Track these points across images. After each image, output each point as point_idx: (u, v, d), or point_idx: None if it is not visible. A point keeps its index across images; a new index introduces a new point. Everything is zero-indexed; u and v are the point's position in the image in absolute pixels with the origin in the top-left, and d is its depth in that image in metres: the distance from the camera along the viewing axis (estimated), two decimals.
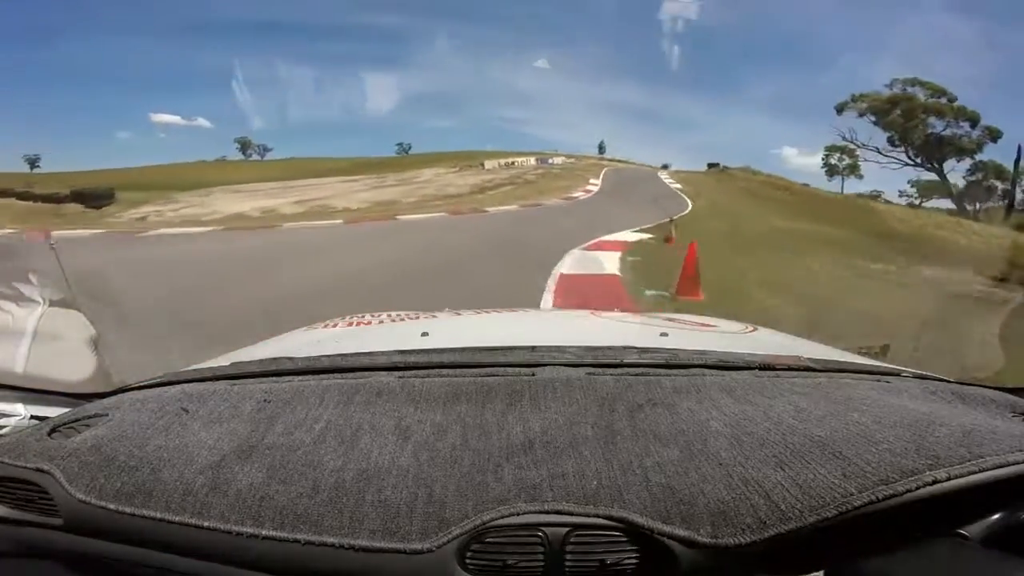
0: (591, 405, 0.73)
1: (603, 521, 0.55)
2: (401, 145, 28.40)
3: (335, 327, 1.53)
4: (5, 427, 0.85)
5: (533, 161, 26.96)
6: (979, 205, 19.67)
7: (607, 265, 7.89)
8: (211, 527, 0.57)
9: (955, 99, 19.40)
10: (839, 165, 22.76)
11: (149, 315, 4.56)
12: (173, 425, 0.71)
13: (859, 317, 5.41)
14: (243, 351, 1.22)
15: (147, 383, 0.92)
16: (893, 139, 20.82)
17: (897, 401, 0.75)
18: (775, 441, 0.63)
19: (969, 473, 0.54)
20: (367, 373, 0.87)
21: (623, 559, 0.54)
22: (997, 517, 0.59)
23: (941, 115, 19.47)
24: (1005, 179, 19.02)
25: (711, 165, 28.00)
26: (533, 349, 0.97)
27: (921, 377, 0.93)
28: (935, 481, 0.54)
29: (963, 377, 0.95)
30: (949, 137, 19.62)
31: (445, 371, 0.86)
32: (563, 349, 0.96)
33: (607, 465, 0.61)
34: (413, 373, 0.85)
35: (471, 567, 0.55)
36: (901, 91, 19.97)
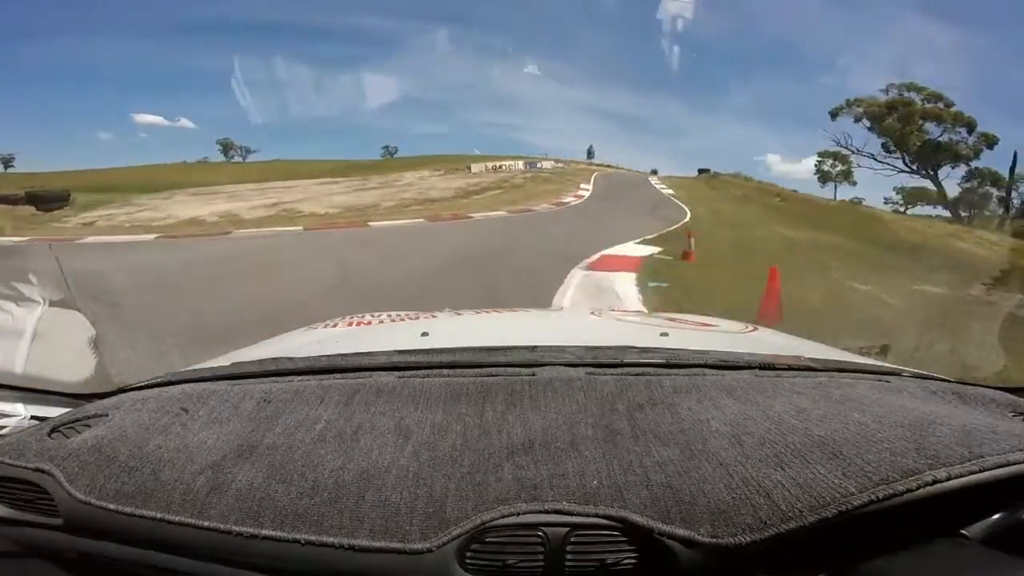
0: (591, 405, 0.73)
1: (603, 521, 0.55)
2: (387, 148, 27.99)
3: (335, 327, 1.53)
4: (5, 427, 0.85)
5: (521, 165, 26.59)
6: (973, 212, 19.56)
7: (621, 291, 6.47)
8: (211, 527, 0.57)
9: (952, 104, 19.35)
10: (832, 171, 22.70)
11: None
12: (173, 425, 0.71)
13: (949, 353, 4.28)
14: (243, 351, 1.22)
15: (147, 383, 0.92)
16: (888, 145, 20.74)
17: (897, 401, 0.75)
18: (775, 441, 0.63)
19: (969, 473, 0.54)
20: (367, 373, 0.87)
21: (623, 559, 0.54)
22: (997, 517, 0.59)
23: (940, 120, 19.38)
24: (1001, 186, 18.93)
25: (702, 171, 27.86)
26: (533, 349, 0.97)
27: (921, 377, 0.93)
28: (935, 481, 0.54)
29: (963, 377, 0.95)
30: (946, 143, 19.51)
31: (445, 371, 0.86)
32: (563, 349, 0.96)
33: (607, 465, 0.60)
34: (413, 373, 0.85)
35: (471, 567, 0.55)
36: (897, 95, 19.88)
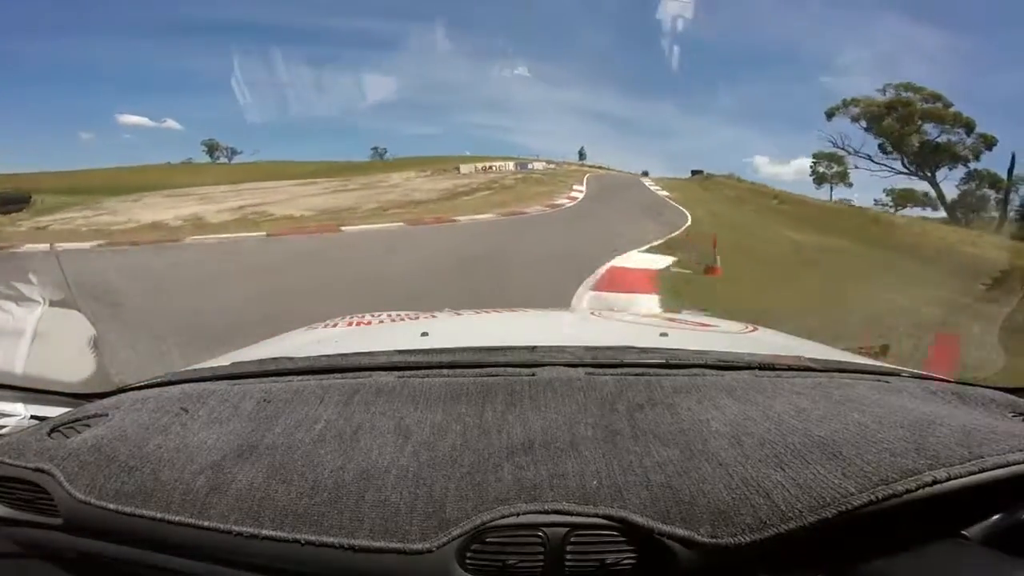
0: (591, 405, 0.73)
1: (603, 521, 0.55)
2: (376, 149, 27.52)
3: (335, 327, 1.53)
4: (5, 427, 0.85)
5: (512, 166, 25.95)
6: (971, 214, 19.36)
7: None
8: (211, 527, 0.57)
9: (951, 104, 19.17)
10: (828, 173, 22.47)
11: None
12: (173, 425, 0.71)
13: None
14: (243, 351, 1.22)
15: (147, 383, 0.92)
16: (885, 146, 20.46)
17: (897, 401, 0.75)
18: (775, 441, 0.63)
19: (969, 473, 0.54)
20: (367, 373, 0.87)
21: (623, 559, 0.54)
22: (997, 517, 0.59)
23: (941, 120, 19.16)
24: (1000, 188, 18.70)
25: (695, 172, 27.41)
26: (533, 349, 0.97)
27: (921, 377, 0.93)
28: (935, 481, 0.54)
29: (963, 377, 0.95)
30: (945, 144, 19.25)
31: (445, 371, 0.86)
32: (563, 349, 0.96)
33: (607, 465, 0.60)
34: (413, 373, 0.85)
35: (471, 567, 0.55)
36: (895, 96, 19.63)
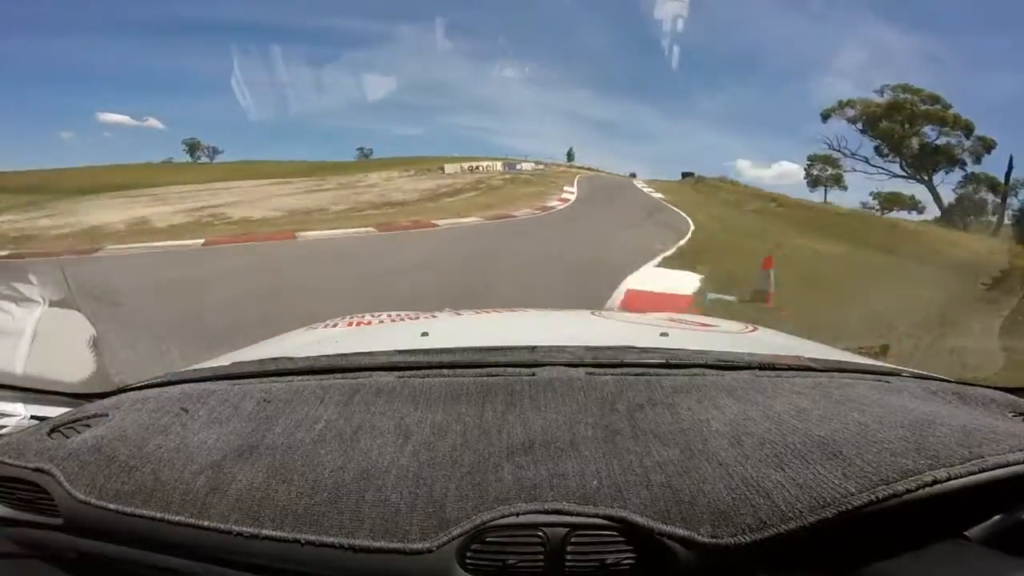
0: (591, 405, 0.73)
1: (603, 521, 0.55)
2: (362, 150, 27.10)
3: (335, 327, 1.53)
4: (5, 427, 0.85)
5: (500, 166, 24.88)
6: (969, 218, 19.04)
7: None
8: (211, 527, 0.57)
9: (950, 106, 18.85)
10: (823, 175, 21.98)
11: None
12: (173, 425, 0.71)
13: None
14: (243, 351, 1.22)
15: (147, 383, 0.92)
16: (881, 148, 19.96)
17: (897, 401, 0.75)
18: (775, 441, 0.63)
19: (969, 473, 0.54)
20: (367, 373, 0.87)
21: (623, 559, 0.54)
22: (998, 517, 0.59)
23: (942, 122, 18.81)
24: (999, 191, 18.30)
25: (686, 174, 26.73)
26: (533, 349, 0.97)
27: (921, 377, 0.93)
28: (935, 481, 0.54)
29: (963, 377, 0.95)
30: (944, 146, 18.85)
31: (445, 371, 0.86)
32: (563, 349, 0.96)
33: (607, 465, 0.60)
34: (413, 373, 0.85)
35: (471, 567, 0.55)
36: (892, 97, 19.22)
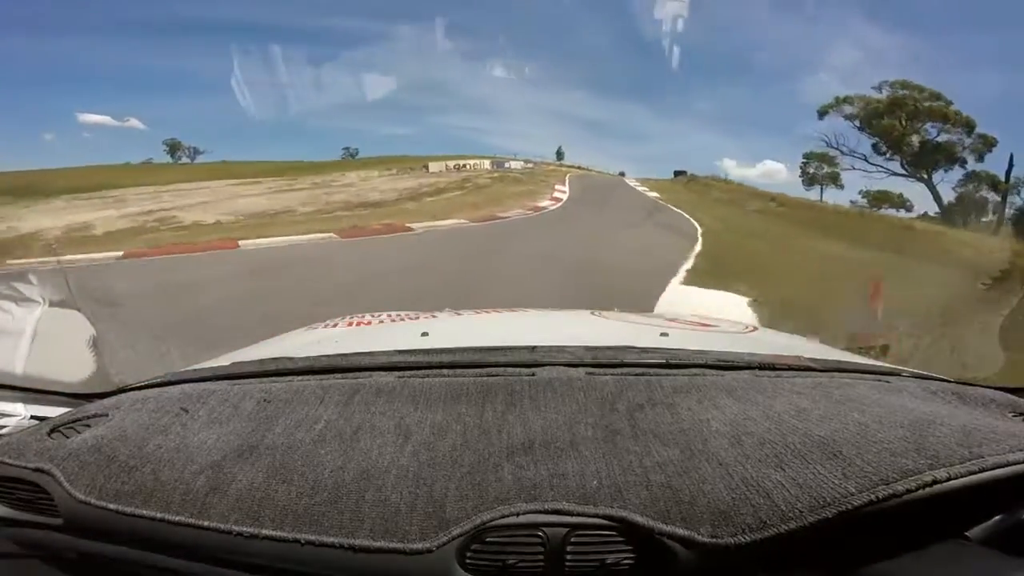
0: (591, 405, 0.73)
1: (603, 521, 0.55)
2: (348, 149, 26.56)
3: (335, 327, 1.53)
4: (5, 427, 0.85)
5: (488, 165, 23.73)
6: (969, 217, 18.89)
7: None
8: (211, 527, 0.57)
9: (951, 103, 18.68)
10: (819, 174, 21.61)
11: None
12: (173, 425, 0.71)
13: None
14: (243, 351, 1.22)
15: (147, 383, 0.92)
16: (880, 146, 19.33)
17: (897, 401, 0.75)
18: (775, 441, 0.63)
19: (969, 473, 0.54)
20: (367, 373, 0.87)
21: (623, 559, 0.54)
22: (997, 518, 0.59)
23: (944, 119, 18.54)
24: (999, 190, 18.12)
25: (678, 173, 25.84)
26: (533, 349, 0.97)
27: (921, 377, 0.93)
28: (935, 481, 0.54)
29: (963, 377, 0.95)
30: (944, 144, 18.43)
31: (445, 371, 0.86)
32: (563, 349, 0.96)
33: (607, 465, 0.60)
34: (413, 373, 0.85)
35: (471, 567, 0.55)
36: (893, 93, 18.93)
